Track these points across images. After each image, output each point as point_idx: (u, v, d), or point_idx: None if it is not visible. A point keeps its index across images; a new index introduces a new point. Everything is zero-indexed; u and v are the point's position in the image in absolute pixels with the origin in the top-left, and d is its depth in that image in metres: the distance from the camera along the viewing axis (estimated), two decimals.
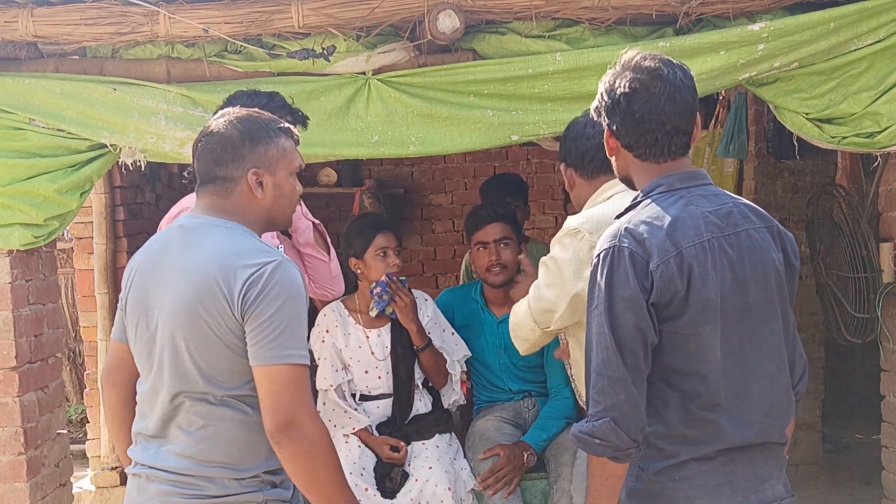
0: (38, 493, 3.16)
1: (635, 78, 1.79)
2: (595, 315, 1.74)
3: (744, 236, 1.78)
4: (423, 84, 2.87)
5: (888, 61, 2.83)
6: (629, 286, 1.70)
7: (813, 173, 4.71)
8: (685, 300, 1.71)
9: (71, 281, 6.28)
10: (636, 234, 1.73)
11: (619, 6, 2.76)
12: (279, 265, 1.78)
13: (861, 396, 5.02)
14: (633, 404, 1.70)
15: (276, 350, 1.74)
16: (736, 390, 1.76)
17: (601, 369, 1.71)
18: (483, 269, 3.24)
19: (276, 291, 1.75)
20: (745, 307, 1.76)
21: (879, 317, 3.28)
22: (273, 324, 1.74)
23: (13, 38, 2.84)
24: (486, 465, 3.02)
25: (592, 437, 1.71)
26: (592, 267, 1.78)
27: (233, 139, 1.86)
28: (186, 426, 1.82)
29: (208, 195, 1.89)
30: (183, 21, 2.74)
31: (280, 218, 1.97)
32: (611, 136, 1.87)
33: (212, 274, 1.77)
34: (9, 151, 2.91)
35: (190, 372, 1.80)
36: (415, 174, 6.28)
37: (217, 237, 1.83)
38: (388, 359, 3.15)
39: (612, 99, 1.82)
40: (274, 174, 1.89)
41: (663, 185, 1.81)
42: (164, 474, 1.82)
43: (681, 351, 1.74)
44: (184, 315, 1.79)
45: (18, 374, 3.07)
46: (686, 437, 1.76)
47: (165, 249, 1.89)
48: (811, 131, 2.88)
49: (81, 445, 5.09)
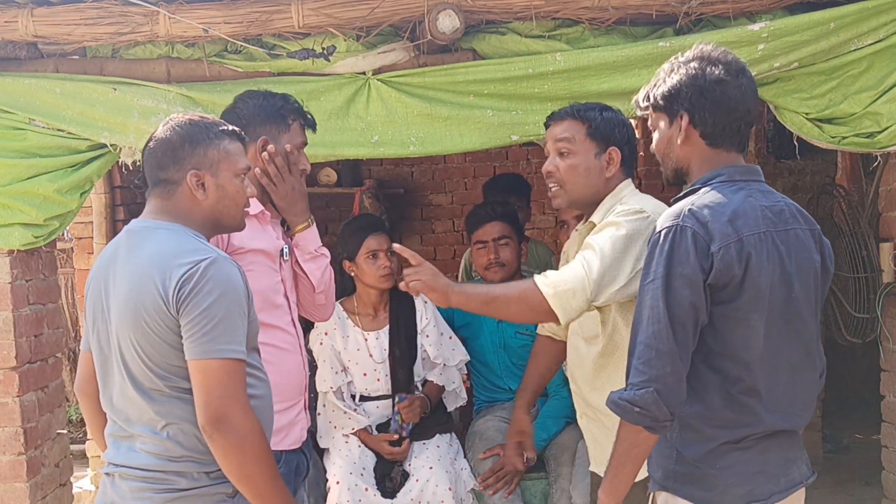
0: (38, 493, 3.16)
1: (727, 69, 1.88)
2: (650, 289, 1.79)
3: (792, 235, 1.86)
4: (423, 84, 2.87)
5: (888, 61, 2.83)
6: (689, 264, 1.76)
7: (813, 173, 4.72)
8: (740, 286, 1.78)
9: (71, 281, 6.28)
10: (699, 216, 1.79)
11: (619, 6, 2.76)
12: (213, 261, 1.80)
13: (861, 396, 5.02)
14: (678, 378, 1.77)
15: (207, 344, 1.77)
16: (772, 379, 1.84)
17: (650, 342, 1.76)
18: (482, 267, 3.24)
19: (209, 287, 1.77)
20: (787, 301, 1.84)
21: (879, 317, 3.28)
22: (205, 318, 1.76)
23: (13, 38, 2.84)
24: (486, 465, 3.03)
25: (633, 405, 1.77)
26: (651, 243, 1.84)
27: (172, 142, 1.91)
28: (151, 425, 1.84)
29: (154, 198, 1.94)
30: (183, 21, 2.74)
31: (226, 220, 1.98)
32: (689, 123, 1.91)
33: (149, 275, 1.80)
34: (9, 151, 2.91)
35: (144, 372, 1.83)
36: (415, 174, 6.27)
37: (158, 239, 1.87)
38: (386, 361, 3.15)
39: (699, 87, 1.88)
40: (216, 175, 1.93)
41: (724, 174, 1.89)
42: (136, 472, 1.85)
43: (728, 335, 1.80)
44: (129, 316, 1.82)
45: (18, 374, 3.07)
46: (726, 420, 1.83)
47: (114, 255, 1.92)
48: (811, 131, 2.88)
49: (81, 445, 5.09)
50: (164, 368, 1.82)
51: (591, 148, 2.35)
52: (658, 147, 2.02)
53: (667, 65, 1.98)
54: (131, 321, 1.82)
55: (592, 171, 2.35)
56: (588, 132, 2.35)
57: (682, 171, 1.98)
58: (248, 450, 1.79)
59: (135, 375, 1.84)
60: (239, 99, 2.46)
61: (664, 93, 1.94)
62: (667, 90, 1.94)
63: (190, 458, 1.84)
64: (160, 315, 1.79)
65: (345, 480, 2.87)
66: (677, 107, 1.92)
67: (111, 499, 1.90)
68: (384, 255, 3.09)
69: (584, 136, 2.35)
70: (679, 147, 1.95)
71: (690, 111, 1.91)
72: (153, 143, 1.94)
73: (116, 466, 1.89)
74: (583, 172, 2.35)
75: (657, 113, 1.98)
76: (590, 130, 2.34)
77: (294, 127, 2.42)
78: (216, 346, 1.77)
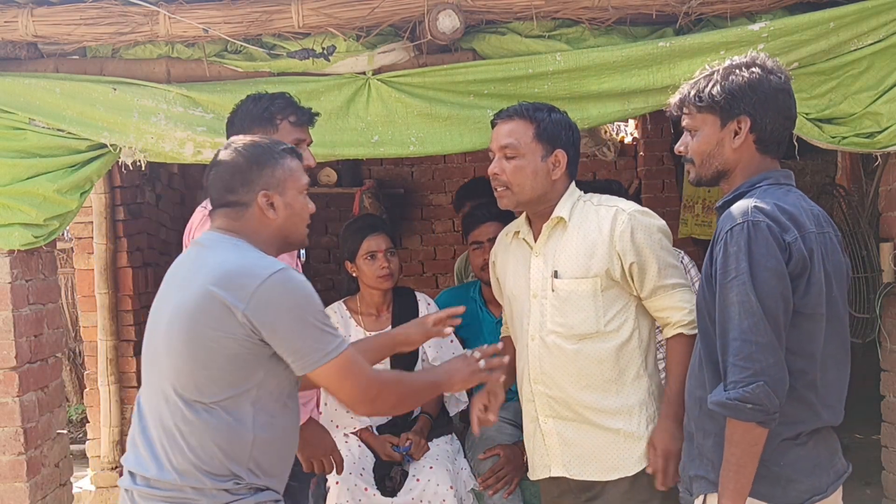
0: (38, 493, 3.16)
1: (786, 79, 1.97)
2: (735, 285, 1.81)
3: (828, 238, 1.92)
4: (423, 84, 2.87)
5: (888, 61, 2.83)
6: (773, 256, 1.80)
7: (813, 173, 4.72)
8: (809, 279, 1.83)
9: (71, 281, 6.28)
10: (767, 211, 1.83)
11: (619, 6, 2.76)
12: (283, 271, 1.84)
13: (860, 396, 5.01)
14: (781, 368, 1.80)
15: (314, 354, 1.84)
16: (825, 375, 1.89)
17: (748, 336, 1.79)
18: (478, 268, 3.24)
19: (287, 300, 1.82)
20: (830, 300, 1.88)
21: (879, 317, 3.28)
22: (300, 329, 1.83)
23: (13, 38, 2.85)
24: (486, 465, 3.02)
25: (744, 403, 1.78)
26: (722, 242, 1.86)
27: (240, 165, 1.95)
28: (177, 434, 1.84)
29: (220, 218, 1.98)
30: (183, 21, 2.74)
31: (293, 237, 2.03)
32: (750, 127, 1.95)
33: (212, 283, 1.82)
34: (9, 151, 2.91)
35: (180, 378, 1.84)
36: (415, 174, 6.27)
37: (223, 250, 1.91)
38: (387, 362, 3.14)
39: (764, 93, 1.93)
40: (283, 194, 1.97)
41: (772, 178, 1.96)
42: (157, 491, 1.85)
43: (798, 329, 1.84)
44: (180, 323, 1.84)
45: (18, 374, 3.07)
46: (788, 415, 1.85)
47: (180, 264, 1.99)
48: (811, 131, 2.88)
49: (81, 445, 5.09)
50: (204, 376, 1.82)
51: (538, 150, 2.36)
52: (700, 147, 2.02)
53: (716, 68, 2.00)
54: (183, 327, 1.83)
55: (539, 173, 2.36)
56: (536, 134, 2.35)
57: (725, 173, 2.01)
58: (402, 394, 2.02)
59: (171, 381, 1.85)
60: (234, 107, 2.50)
61: (725, 95, 1.95)
62: (728, 92, 1.95)
63: (210, 473, 1.83)
64: (222, 324, 1.80)
65: (344, 480, 2.87)
66: (738, 110, 1.95)
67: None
68: (382, 256, 3.08)
69: (531, 138, 2.35)
70: (731, 150, 1.98)
71: (753, 116, 1.94)
72: (219, 168, 1.97)
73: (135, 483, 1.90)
74: (530, 175, 2.35)
75: (707, 114, 1.99)
76: (537, 132, 2.35)
77: (283, 126, 2.43)
78: (323, 351, 1.84)
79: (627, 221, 2.31)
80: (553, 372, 2.39)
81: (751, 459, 1.83)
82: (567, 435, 2.41)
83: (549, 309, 2.38)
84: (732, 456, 1.84)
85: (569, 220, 2.38)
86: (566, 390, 2.38)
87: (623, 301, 2.36)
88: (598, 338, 2.34)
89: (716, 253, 1.88)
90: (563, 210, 2.38)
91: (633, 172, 5.97)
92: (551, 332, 2.38)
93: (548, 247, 2.42)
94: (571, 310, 2.35)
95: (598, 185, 2.64)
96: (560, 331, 2.37)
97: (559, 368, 2.38)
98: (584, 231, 2.36)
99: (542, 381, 2.42)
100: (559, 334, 2.37)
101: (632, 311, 2.37)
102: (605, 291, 2.33)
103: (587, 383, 2.36)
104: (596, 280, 2.32)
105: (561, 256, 2.38)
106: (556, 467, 2.44)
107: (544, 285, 2.40)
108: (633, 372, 2.36)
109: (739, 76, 1.94)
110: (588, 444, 2.39)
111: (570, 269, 2.36)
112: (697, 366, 2.01)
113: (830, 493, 1.91)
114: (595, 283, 2.33)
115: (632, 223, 2.31)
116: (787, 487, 1.87)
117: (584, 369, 2.35)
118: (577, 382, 2.36)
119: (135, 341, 4.70)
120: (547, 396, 2.42)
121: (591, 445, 2.38)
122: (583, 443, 2.39)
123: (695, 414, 2.01)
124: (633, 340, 2.36)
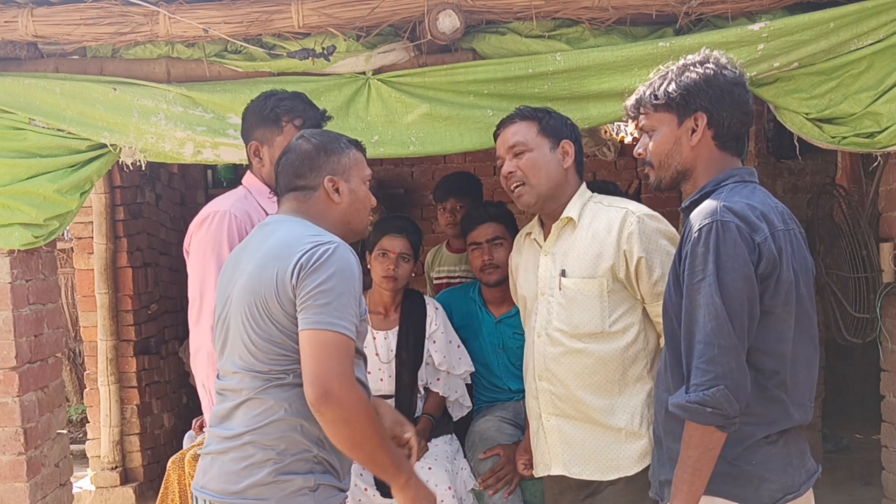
0: (38, 493, 3.16)
1: (739, 73, 1.95)
2: (703, 286, 1.78)
3: (793, 235, 1.90)
4: (423, 84, 2.87)
5: (888, 61, 2.82)
6: (740, 257, 1.77)
7: (813, 173, 4.72)
8: (778, 278, 1.81)
9: (71, 281, 6.29)
10: (737, 211, 1.81)
11: (619, 6, 2.76)
12: (337, 246, 1.91)
13: (861, 396, 5.02)
14: (743, 372, 1.78)
15: (320, 316, 1.84)
16: (795, 374, 1.88)
17: (711, 338, 1.76)
18: (477, 269, 3.25)
19: (328, 264, 1.86)
20: (799, 298, 1.87)
21: (879, 317, 3.27)
22: (321, 291, 1.85)
23: (13, 38, 2.85)
24: (486, 465, 3.02)
25: (704, 406, 1.76)
26: (689, 243, 1.83)
27: (309, 152, 2.08)
28: (251, 408, 1.93)
29: (289, 201, 2.09)
30: (183, 21, 2.74)
31: (356, 223, 2.12)
32: (707, 123, 1.93)
33: (273, 256, 1.92)
34: (9, 151, 2.91)
35: (249, 352, 1.93)
36: (415, 174, 6.27)
37: (286, 228, 2.00)
38: (392, 362, 3.14)
39: (719, 87, 1.92)
40: (348, 181, 2.09)
41: (736, 175, 1.94)
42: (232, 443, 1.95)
43: (767, 328, 1.82)
44: (245, 296, 1.94)
45: (18, 374, 3.07)
46: (760, 416, 1.84)
47: (246, 244, 2.09)
48: (811, 131, 2.88)
49: (81, 445, 5.09)
50: (267, 350, 1.91)
51: (545, 143, 2.43)
52: (658, 149, 2.00)
53: (670, 67, 1.99)
54: (248, 301, 1.92)
55: (551, 163, 2.43)
56: (540, 129, 2.43)
57: (685, 173, 1.99)
58: (355, 423, 1.85)
59: (241, 355, 1.94)
60: (249, 103, 2.54)
61: (681, 91, 1.93)
62: (683, 89, 1.93)
63: (276, 448, 1.91)
64: (277, 295, 1.88)
65: None
66: (694, 106, 1.93)
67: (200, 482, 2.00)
68: (392, 258, 3.08)
69: (535, 133, 2.44)
70: (689, 148, 1.96)
71: (709, 111, 1.92)
72: (289, 156, 2.09)
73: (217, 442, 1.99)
74: (542, 166, 2.42)
75: (664, 113, 1.97)
76: (541, 127, 2.43)
77: (288, 129, 2.44)
78: (329, 318, 1.84)
79: (636, 224, 2.33)
80: (557, 369, 2.42)
81: (707, 463, 1.81)
82: (569, 433, 2.42)
83: (556, 307, 2.41)
84: (689, 458, 1.82)
85: (578, 221, 2.41)
86: (569, 388, 2.40)
87: (629, 303, 2.37)
88: (603, 338, 2.35)
89: (684, 253, 1.86)
90: (573, 210, 2.42)
91: (633, 172, 5.97)
92: (556, 330, 2.41)
93: (557, 246, 2.45)
94: (577, 309, 2.37)
95: (594, 185, 2.65)
96: (565, 329, 2.39)
97: (563, 366, 2.40)
98: (594, 231, 2.39)
99: (547, 377, 2.44)
100: (564, 332, 2.39)
101: (638, 314, 2.37)
102: (611, 292, 2.35)
103: (590, 382, 2.37)
104: (603, 280, 2.34)
105: (569, 256, 2.41)
106: (556, 466, 2.47)
107: (552, 284, 2.42)
108: (636, 374, 2.37)
109: (694, 72, 1.93)
110: (589, 443, 2.40)
111: (578, 269, 2.38)
112: (664, 368, 1.99)
113: (803, 492, 1.89)
114: (602, 283, 2.34)
115: (640, 226, 2.33)
116: (760, 487, 1.85)
117: (587, 368, 2.36)
118: (580, 381, 2.38)
119: (135, 341, 4.71)
120: (551, 393, 2.44)
121: (593, 444, 2.39)
122: (584, 441, 2.40)
123: (662, 417, 1.98)
124: (638, 343, 2.37)
